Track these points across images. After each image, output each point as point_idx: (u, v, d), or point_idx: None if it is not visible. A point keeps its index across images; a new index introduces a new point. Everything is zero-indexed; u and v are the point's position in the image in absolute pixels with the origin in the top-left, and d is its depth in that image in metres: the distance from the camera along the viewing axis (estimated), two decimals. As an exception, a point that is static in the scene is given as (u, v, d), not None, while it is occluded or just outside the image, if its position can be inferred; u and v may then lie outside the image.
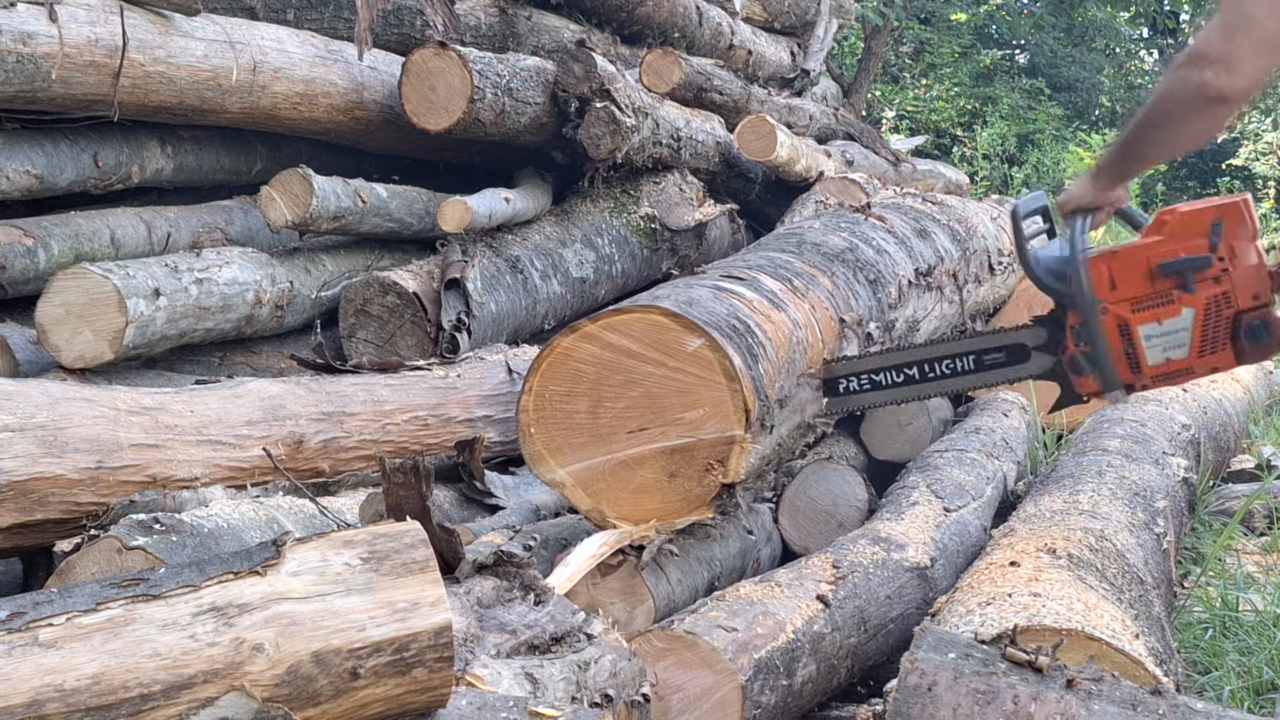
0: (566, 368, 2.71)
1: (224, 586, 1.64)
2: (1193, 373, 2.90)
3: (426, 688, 1.76)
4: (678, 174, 5.59)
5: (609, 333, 2.70)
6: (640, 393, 2.69)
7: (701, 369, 2.67)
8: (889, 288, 3.79)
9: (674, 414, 2.68)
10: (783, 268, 3.42)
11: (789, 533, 3.80)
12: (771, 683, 2.61)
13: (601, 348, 2.70)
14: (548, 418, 2.71)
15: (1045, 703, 1.92)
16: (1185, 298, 2.83)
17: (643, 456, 2.70)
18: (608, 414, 2.70)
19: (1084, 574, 2.64)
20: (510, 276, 4.58)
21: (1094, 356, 2.88)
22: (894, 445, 4.67)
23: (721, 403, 2.67)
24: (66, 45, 3.51)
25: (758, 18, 8.14)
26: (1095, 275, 2.86)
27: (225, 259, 3.93)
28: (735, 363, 2.67)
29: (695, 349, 2.67)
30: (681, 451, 2.69)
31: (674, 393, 2.68)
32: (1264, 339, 2.86)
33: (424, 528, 1.84)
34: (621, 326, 2.70)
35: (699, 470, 2.69)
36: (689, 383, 2.68)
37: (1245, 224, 2.83)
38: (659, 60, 5.68)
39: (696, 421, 2.68)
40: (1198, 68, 2.59)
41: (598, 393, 2.70)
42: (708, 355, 2.67)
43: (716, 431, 2.67)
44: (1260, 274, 2.84)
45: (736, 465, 2.68)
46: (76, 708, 1.49)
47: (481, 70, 4.51)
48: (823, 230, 3.86)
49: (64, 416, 2.61)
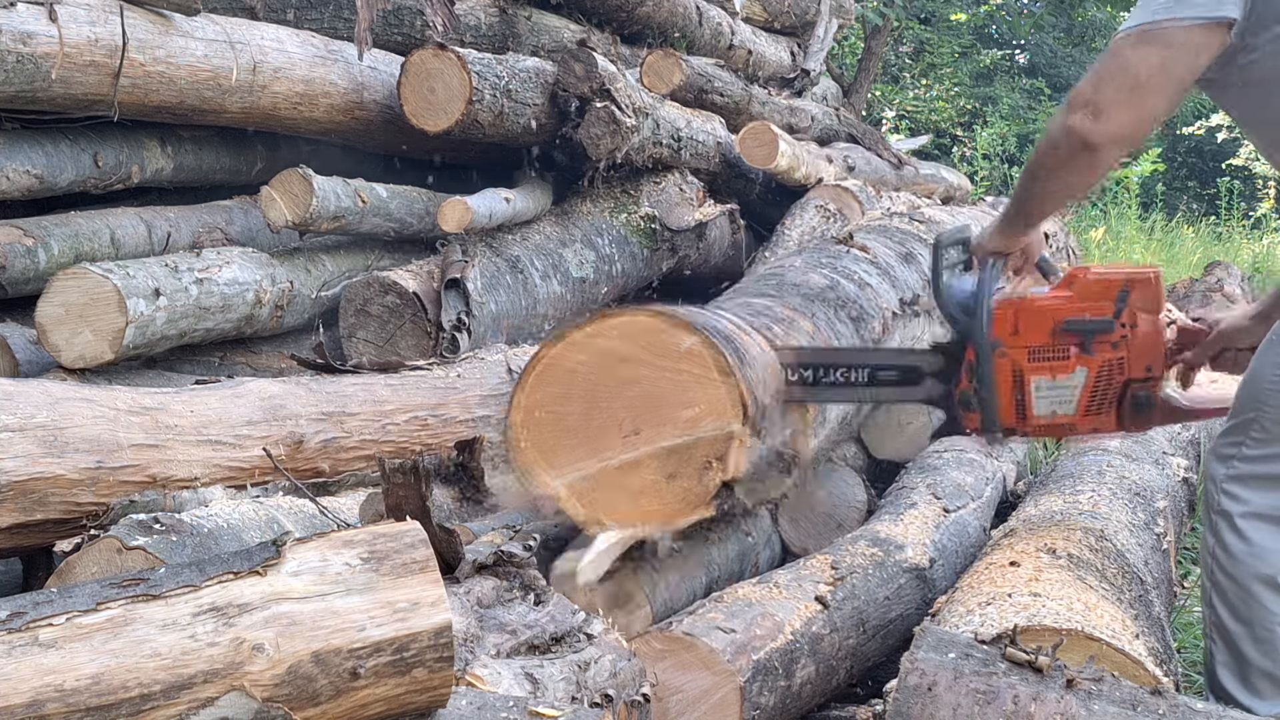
0: (554, 375, 2.69)
1: (224, 586, 1.64)
2: (1075, 429, 2.94)
3: (426, 688, 1.76)
4: (678, 174, 5.59)
5: (596, 339, 2.69)
6: (634, 395, 2.67)
7: (696, 367, 2.66)
8: (872, 323, 3.78)
9: (669, 413, 2.67)
10: (762, 314, 3.41)
11: (788, 534, 3.80)
12: (770, 684, 2.61)
13: (591, 353, 2.69)
14: (539, 424, 2.69)
15: (1045, 703, 1.92)
16: (1082, 358, 2.86)
17: (639, 459, 2.68)
18: (600, 418, 2.68)
19: (1084, 574, 2.64)
20: (510, 276, 4.58)
21: (982, 396, 2.90)
22: (894, 445, 4.68)
23: (718, 400, 2.66)
24: (66, 45, 3.51)
25: (758, 18, 8.14)
26: (999, 317, 2.88)
27: (225, 259, 3.93)
28: (730, 359, 2.66)
29: (690, 347, 2.66)
30: (679, 451, 2.68)
31: (669, 392, 2.67)
32: (1146, 411, 2.91)
33: (424, 528, 1.84)
34: (608, 331, 2.69)
35: (698, 469, 2.68)
36: (684, 381, 2.67)
37: (1153, 296, 2.86)
38: (660, 62, 5.69)
39: (693, 420, 2.67)
40: (1069, 114, 2.60)
41: (590, 398, 2.68)
42: (702, 352, 2.66)
43: (714, 429, 2.66)
44: (1157, 347, 2.87)
45: (736, 461, 2.68)
46: (76, 708, 1.49)
47: (480, 72, 4.51)
48: (804, 268, 3.83)
49: (64, 416, 2.61)
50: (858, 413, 3.84)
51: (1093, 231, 11.45)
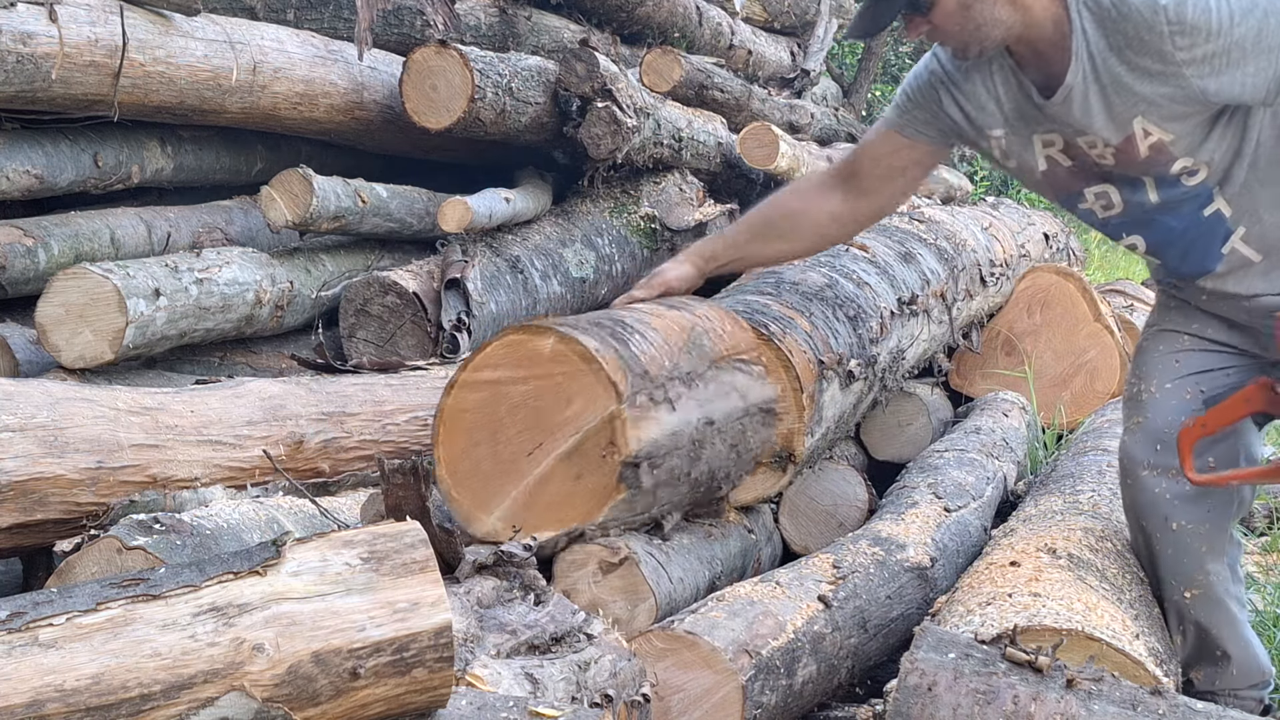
0: (459, 424, 2.69)
1: (224, 586, 1.64)
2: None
3: (426, 688, 1.76)
4: (678, 174, 5.59)
5: (479, 372, 2.69)
6: (523, 414, 2.67)
7: (562, 364, 2.66)
8: (870, 322, 3.77)
9: (556, 418, 2.67)
10: (759, 312, 3.41)
11: (789, 532, 3.80)
12: (772, 683, 2.61)
13: (478, 390, 2.69)
14: (461, 476, 2.69)
15: (1045, 703, 1.92)
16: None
17: (548, 472, 2.68)
18: (506, 448, 2.68)
19: (1084, 574, 2.64)
20: (510, 276, 4.58)
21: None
22: (894, 445, 4.68)
23: (589, 388, 2.65)
24: (66, 45, 3.51)
25: (758, 18, 8.14)
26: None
27: (225, 259, 3.93)
28: (588, 345, 2.65)
29: (550, 348, 2.66)
30: (577, 452, 2.67)
31: (549, 399, 2.66)
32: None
33: (424, 528, 1.84)
34: (487, 362, 2.69)
35: (597, 460, 2.67)
36: (558, 382, 2.66)
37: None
38: (659, 59, 5.68)
39: (575, 416, 2.66)
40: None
41: (491, 432, 2.68)
42: (561, 349, 2.65)
43: (595, 417, 2.66)
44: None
45: (625, 438, 2.66)
46: (76, 708, 1.49)
47: (483, 69, 4.51)
48: (802, 266, 3.83)
49: (64, 416, 2.61)
50: (854, 412, 3.84)
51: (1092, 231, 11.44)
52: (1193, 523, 2.78)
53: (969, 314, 4.93)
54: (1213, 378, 2.80)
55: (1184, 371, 2.83)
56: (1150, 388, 2.85)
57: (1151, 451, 2.80)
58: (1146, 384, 2.87)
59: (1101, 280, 8.02)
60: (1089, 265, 8.70)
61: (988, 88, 2.75)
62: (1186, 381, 2.82)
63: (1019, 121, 2.74)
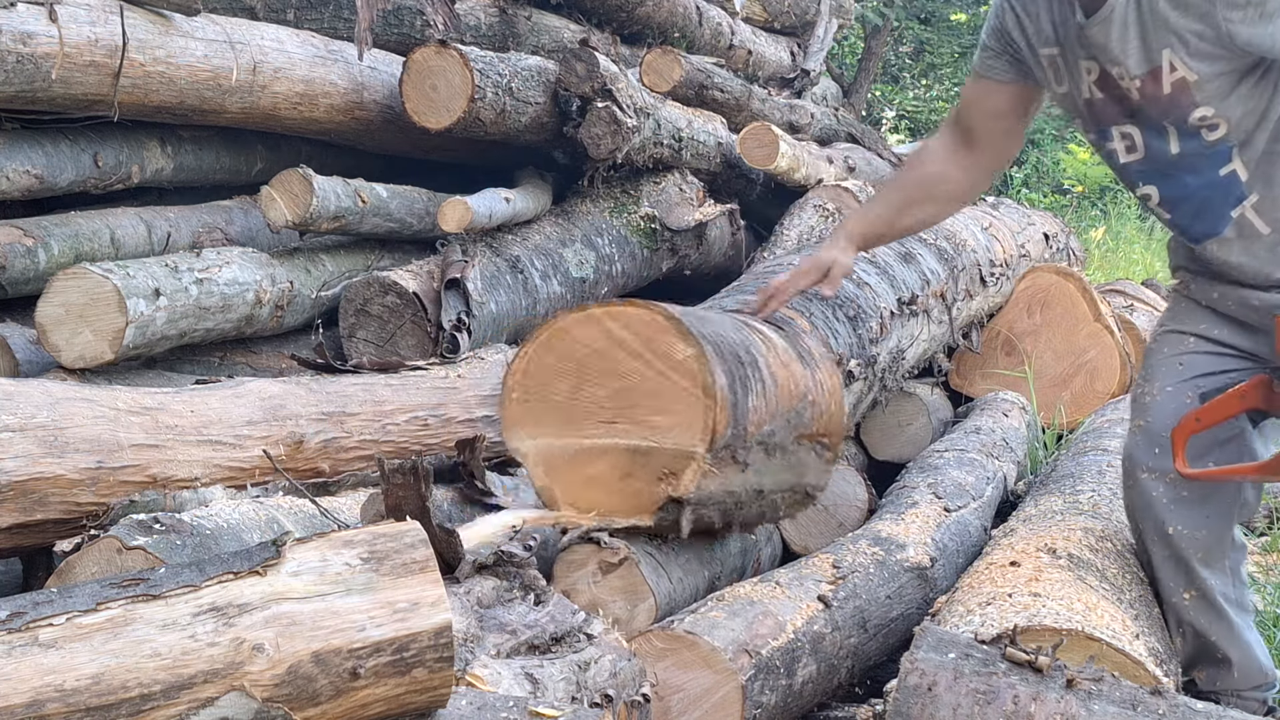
0: (563, 344, 2.71)
1: (224, 586, 1.64)
2: None
3: (426, 688, 1.76)
4: (678, 174, 5.58)
5: (610, 320, 2.70)
6: (621, 386, 2.68)
7: (685, 378, 2.66)
8: (870, 322, 3.78)
9: (646, 414, 2.67)
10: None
11: (789, 532, 3.80)
12: (772, 683, 2.61)
13: (600, 334, 2.70)
14: (531, 386, 2.71)
15: (1045, 703, 1.92)
16: None
17: (604, 449, 2.69)
18: (585, 399, 2.70)
19: (1084, 574, 2.64)
20: (510, 276, 4.58)
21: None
22: (894, 445, 4.68)
23: (692, 417, 2.65)
24: (66, 45, 3.51)
25: (758, 18, 8.14)
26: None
27: (225, 259, 3.93)
28: (717, 382, 2.65)
29: (684, 357, 2.66)
30: (641, 454, 2.68)
31: (652, 394, 2.67)
32: None
33: (424, 528, 1.84)
34: (623, 318, 2.70)
35: (652, 476, 2.68)
36: (669, 389, 2.66)
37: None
38: (659, 59, 5.67)
39: (663, 428, 2.67)
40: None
41: (582, 375, 2.70)
42: (693, 367, 2.66)
43: (678, 443, 2.66)
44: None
45: (689, 481, 2.67)
46: (76, 708, 1.49)
47: (483, 69, 4.51)
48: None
49: (64, 416, 2.61)
50: (853, 412, 3.84)
51: (1093, 231, 11.45)
52: (1189, 528, 2.78)
53: (969, 314, 4.93)
54: (1215, 381, 2.80)
55: (1187, 375, 2.83)
56: (1153, 390, 2.86)
57: (1150, 454, 2.80)
58: (1150, 386, 2.87)
59: (1101, 280, 8.01)
60: (1089, 265, 8.70)
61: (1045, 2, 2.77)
62: (1188, 385, 2.82)
63: (1068, 42, 2.75)
